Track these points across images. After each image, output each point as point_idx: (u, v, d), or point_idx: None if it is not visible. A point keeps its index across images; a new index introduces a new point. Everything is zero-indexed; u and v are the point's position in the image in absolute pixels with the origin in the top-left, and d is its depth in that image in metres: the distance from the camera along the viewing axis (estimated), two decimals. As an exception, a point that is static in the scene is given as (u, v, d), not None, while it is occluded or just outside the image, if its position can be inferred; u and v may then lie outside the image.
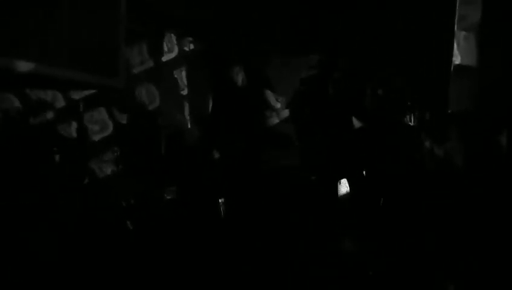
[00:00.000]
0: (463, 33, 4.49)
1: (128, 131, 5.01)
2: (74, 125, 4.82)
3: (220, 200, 4.70)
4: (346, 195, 4.56)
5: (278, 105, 4.95)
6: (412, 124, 4.65)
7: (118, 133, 4.98)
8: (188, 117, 5.74)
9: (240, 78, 4.90)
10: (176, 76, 5.72)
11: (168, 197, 4.60)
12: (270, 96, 4.96)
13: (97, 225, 3.79)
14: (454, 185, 4.29)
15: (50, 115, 4.64)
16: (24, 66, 3.63)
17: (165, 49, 5.62)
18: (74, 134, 4.81)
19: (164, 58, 5.60)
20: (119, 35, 4.44)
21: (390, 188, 4.29)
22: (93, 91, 4.87)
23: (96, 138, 4.96)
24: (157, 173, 4.71)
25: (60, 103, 4.89)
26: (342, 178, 4.31)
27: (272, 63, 6.00)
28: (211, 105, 5.49)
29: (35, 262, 3.17)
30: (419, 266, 3.56)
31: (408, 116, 4.62)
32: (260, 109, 4.97)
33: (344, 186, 4.63)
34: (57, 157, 4.42)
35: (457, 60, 4.53)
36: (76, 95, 4.89)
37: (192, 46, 5.79)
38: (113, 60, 4.46)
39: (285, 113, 5.11)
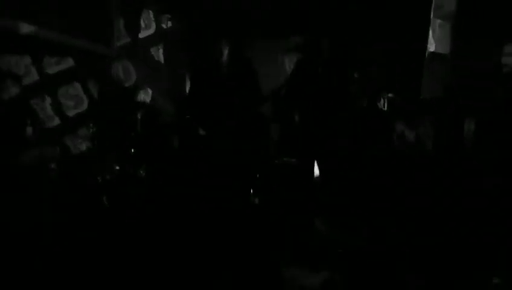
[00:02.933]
0: (438, 21, 4.59)
1: (103, 107, 4.97)
2: (48, 100, 4.75)
3: (196, 178, 4.72)
4: (319, 176, 4.65)
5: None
6: (384, 108, 4.74)
7: (93, 109, 4.94)
8: (164, 95, 5.71)
9: (221, 57, 4.88)
10: (152, 53, 5.68)
11: (143, 174, 4.60)
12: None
13: (72, 201, 3.77)
14: (424, 168, 4.41)
15: (18, 89, 4.57)
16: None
17: (142, 25, 5.55)
18: (48, 109, 4.75)
19: (141, 35, 5.54)
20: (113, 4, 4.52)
21: (363, 171, 4.39)
22: (68, 66, 4.81)
23: (71, 113, 4.91)
24: (132, 149, 4.70)
25: (34, 76, 4.82)
26: (320, 160, 4.37)
27: (251, 45, 6.02)
28: (188, 83, 5.46)
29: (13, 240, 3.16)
30: (390, 246, 3.66)
31: (381, 101, 4.71)
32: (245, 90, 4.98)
33: (317, 169, 4.71)
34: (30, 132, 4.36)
35: (431, 47, 4.63)
36: (51, 70, 4.81)
37: (170, 24, 5.74)
38: (106, 28, 4.56)
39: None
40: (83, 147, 4.66)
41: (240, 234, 3.90)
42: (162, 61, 5.72)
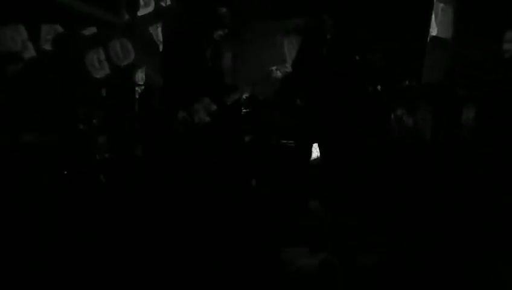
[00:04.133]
0: (441, 5, 4.57)
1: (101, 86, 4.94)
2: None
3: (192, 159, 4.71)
4: (317, 160, 4.65)
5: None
6: (384, 92, 4.73)
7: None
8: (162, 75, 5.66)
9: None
10: (151, 32, 5.61)
11: (140, 153, 4.59)
12: None
13: (72, 178, 3.78)
14: (421, 153, 4.42)
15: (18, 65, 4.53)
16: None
17: (141, 3, 5.48)
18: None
19: (140, 13, 5.47)
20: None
21: (362, 156, 4.39)
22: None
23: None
24: (130, 128, 4.68)
25: (30, 52, 4.77)
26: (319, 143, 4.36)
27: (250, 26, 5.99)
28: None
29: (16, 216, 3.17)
30: (384, 230, 3.68)
31: (381, 85, 4.69)
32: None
33: (315, 151, 4.71)
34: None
35: (434, 31, 4.61)
36: (48, 46, 4.75)
37: (168, 2, 5.66)
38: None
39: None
40: (82, 125, 4.61)
41: (237, 216, 3.91)
42: (161, 40, 5.66)
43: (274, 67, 5.62)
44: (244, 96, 5.31)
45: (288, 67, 5.02)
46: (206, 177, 4.38)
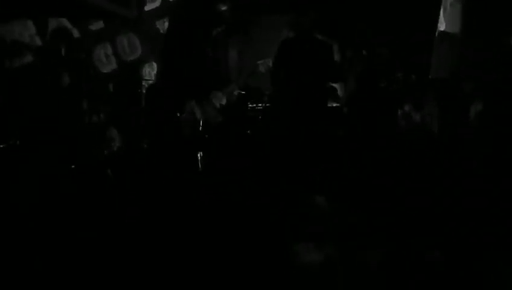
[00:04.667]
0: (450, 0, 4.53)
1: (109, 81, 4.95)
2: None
3: (198, 153, 4.72)
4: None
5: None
6: (392, 87, 4.70)
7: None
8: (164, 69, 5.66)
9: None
10: (158, 26, 5.61)
11: (147, 147, 4.60)
12: None
13: (80, 171, 3.79)
14: (427, 148, 4.40)
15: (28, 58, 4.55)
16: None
17: (148, -2, 5.49)
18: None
19: (147, 8, 5.48)
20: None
21: (366, 148, 4.37)
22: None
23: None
24: (137, 122, 4.69)
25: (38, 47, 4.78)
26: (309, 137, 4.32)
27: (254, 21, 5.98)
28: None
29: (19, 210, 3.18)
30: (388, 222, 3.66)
31: (389, 80, 4.67)
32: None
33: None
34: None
35: (442, 26, 4.57)
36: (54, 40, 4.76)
37: (174, -3, 5.66)
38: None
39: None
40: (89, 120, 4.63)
41: (242, 209, 3.90)
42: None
43: (260, 62, 5.61)
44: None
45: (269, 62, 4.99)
46: (212, 169, 4.38)
